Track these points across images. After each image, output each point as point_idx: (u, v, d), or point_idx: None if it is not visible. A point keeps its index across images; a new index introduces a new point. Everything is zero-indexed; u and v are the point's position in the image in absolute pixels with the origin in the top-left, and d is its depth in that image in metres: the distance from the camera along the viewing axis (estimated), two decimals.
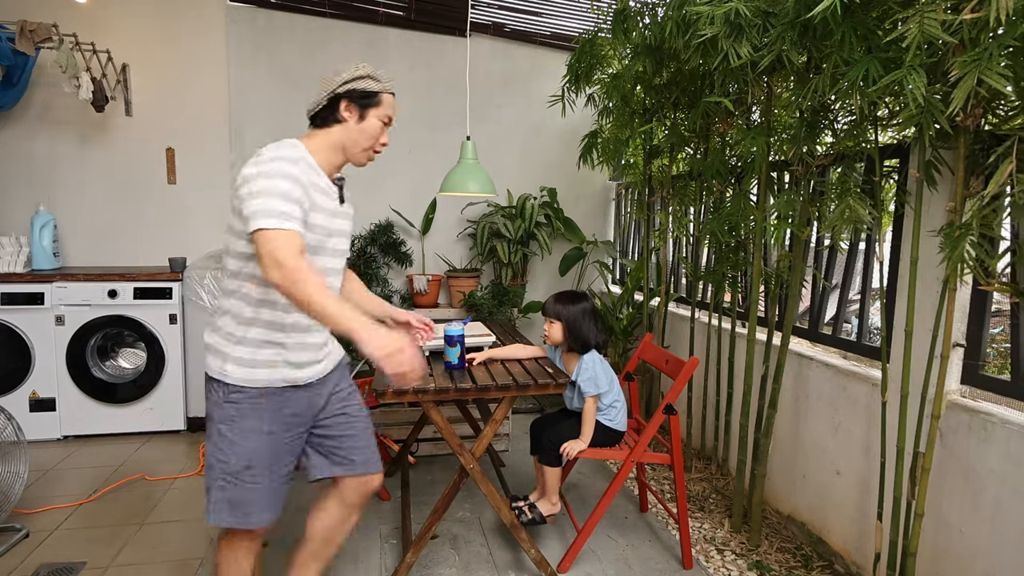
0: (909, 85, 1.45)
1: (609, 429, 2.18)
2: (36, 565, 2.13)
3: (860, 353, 2.26)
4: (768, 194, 2.34)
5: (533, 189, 4.17)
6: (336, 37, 3.81)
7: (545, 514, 2.18)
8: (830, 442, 2.27)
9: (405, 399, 1.91)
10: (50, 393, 3.19)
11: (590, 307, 2.21)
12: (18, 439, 2.24)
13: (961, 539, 1.75)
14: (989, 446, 1.67)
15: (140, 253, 3.66)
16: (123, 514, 2.49)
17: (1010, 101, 1.56)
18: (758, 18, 1.86)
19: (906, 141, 1.96)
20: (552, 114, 3.98)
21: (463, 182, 2.62)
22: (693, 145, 2.93)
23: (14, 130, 3.44)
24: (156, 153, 3.64)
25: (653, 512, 2.62)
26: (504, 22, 4.01)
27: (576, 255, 4.10)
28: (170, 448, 3.18)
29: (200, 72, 3.63)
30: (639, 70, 2.71)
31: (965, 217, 1.60)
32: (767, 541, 2.39)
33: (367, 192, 3.94)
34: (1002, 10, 1.27)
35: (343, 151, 1.57)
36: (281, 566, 2.00)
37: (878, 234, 2.06)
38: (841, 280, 2.41)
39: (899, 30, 1.46)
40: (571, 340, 2.19)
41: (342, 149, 1.57)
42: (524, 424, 3.54)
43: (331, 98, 1.53)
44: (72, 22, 3.26)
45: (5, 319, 3.10)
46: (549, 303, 2.25)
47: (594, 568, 2.20)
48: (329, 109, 1.54)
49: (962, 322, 1.79)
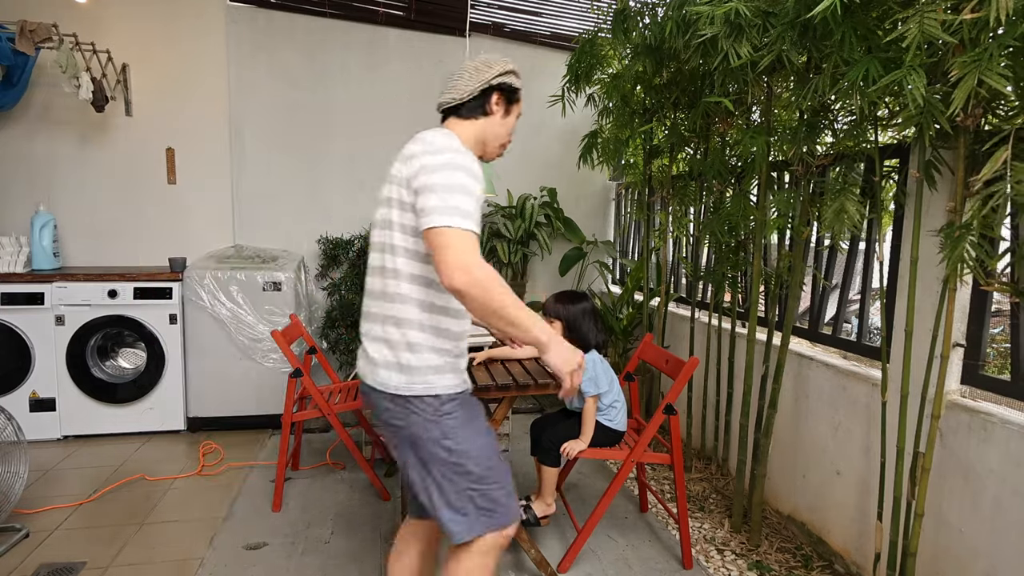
0: (909, 85, 1.45)
1: (609, 429, 2.19)
2: (36, 565, 2.13)
3: (860, 353, 2.26)
4: (768, 194, 2.34)
5: (533, 189, 4.17)
6: (336, 37, 3.81)
7: (539, 515, 2.18)
8: (830, 442, 2.27)
9: None
10: (50, 393, 3.19)
11: (590, 307, 2.22)
12: (18, 439, 2.24)
13: (961, 539, 1.75)
14: (989, 446, 1.67)
15: (140, 253, 3.66)
16: (123, 514, 2.49)
17: (1010, 101, 1.56)
18: (758, 18, 1.86)
19: (906, 141, 1.96)
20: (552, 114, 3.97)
21: None
22: (693, 145, 2.93)
23: (14, 130, 3.44)
24: (156, 153, 3.64)
25: (653, 512, 2.62)
26: (504, 22, 4.01)
27: (576, 255, 4.10)
28: (170, 448, 3.18)
29: (200, 72, 3.63)
30: (639, 70, 2.71)
31: (965, 217, 1.60)
32: (767, 541, 2.39)
33: (367, 192, 3.94)
34: (1002, 10, 1.27)
35: (483, 145, 1.48)
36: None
37: (878, 234, 2.06)
38: (841, 280, 2.41)
39: (899, 30, 1.46)
40: (571, 340, 2.19)
41: (483, 143, 1.47)
42: (524, 424, 3.54)
43: (484, 89, 1.43)
44: (72, 22, 3.26)
45: (5, 319, 3.10)
46: (549, 302, 2.25)
47: (594, 568, 2.20)
48: (479, 100, 1.43)
49: (962, 322, 1.79)
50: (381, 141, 3.95)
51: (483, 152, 1.49)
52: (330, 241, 3.84)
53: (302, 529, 2.41)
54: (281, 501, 2.57)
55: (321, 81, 3.82)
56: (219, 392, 3.37)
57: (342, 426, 2.56)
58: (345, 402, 2.68)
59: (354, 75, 3.87)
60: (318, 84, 3.82)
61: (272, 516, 2.50)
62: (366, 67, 3.89)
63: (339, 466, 3.00)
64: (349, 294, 3.76)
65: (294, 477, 2.86)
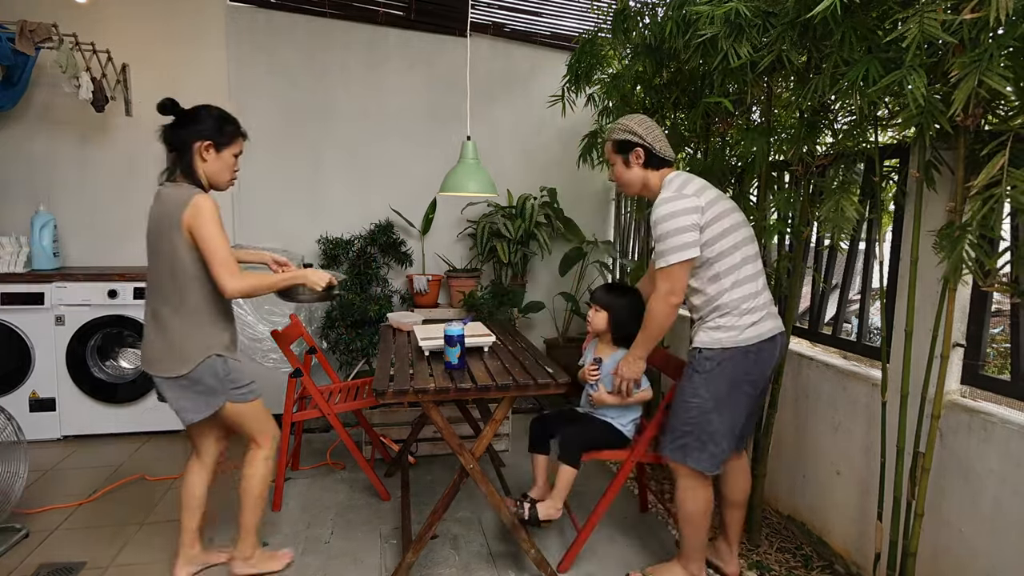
0: (909, 85, 1.45)
1: (620, 434, 2.18)
2: (36, 565, 2.13)
3: (860, 353, 2.26)
4: (768, 194, 2.34)
5: (533, 189, 4.17)
6: (336, 37, 3.81)
7: (543, 517, 2.12)
8: (830, 442, 2.27)
9: (405, 399, 1.91)
10: (50, 393, 3.19)
11: (639, 302, 2.19)
12: (18, 439, 2.24)
13: (961, 539, 1.75)
14: (989, 446, 1.67)
15: (140, 253, 3.61)
16: (123, 514, 2.50)
17: (1010, 101, 1.55)
18: (758, 18, 1.86)
19: (906, 141, 1.96)
20: (552, 114, 3.97)
21: (463, 182, 2.62)
22: (693, 145, 2.93)
23: (14, 130, 3.44)
24: (156, 153, 3.63)
25: (653, 512, 2.62)
26: (504, 22, 4.01)
27: (576, 255, 4.10)
28: (170, 448, 3.18)
29: (200, 72, 3.63)
30: (639, 70, 2.71)
31: (965, 217, 1.60)
32: (767, 541, 2.39)
33: (367, 192, 3.94)
34: (1002, 10, 1.27)
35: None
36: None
37: (878, 234, 2.06)
38: (841, 280, 2.41)
39: (899, 30, 1.46)
40: (615, 331, 2.20)
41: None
42: (524, 424, 3.54)
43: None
44: (72, 22, 3.25)
45: (5, 319, 3.10)
46: (599, 292, 2.26)
47: (594, 568, 2.20)
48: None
49: (962, 322, 1.79)
50: (381, 141, 3.96)
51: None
52: (330, 241, 3.83)
53: (302, 529, 2.41)
54: (281, 501, 2.57)
55: (321, 81, 3.82)
56: None
57: (342, 426, 2.57)
58: (345, 402, 2.68)
59: (354, 75, 3.87)
60: (318, 84, 3.82)
61: (272, 516, 2.50)
62: (366, 67, 3.89)
63: (339, 466, 3.00)
64: (349, 294, 3.76)
65: (294, 477, 2.86)
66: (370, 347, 3.55)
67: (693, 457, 1.92)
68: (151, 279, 1.86)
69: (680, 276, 1.84)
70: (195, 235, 1.75)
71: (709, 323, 1.91)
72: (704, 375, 1.89)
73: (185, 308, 1.81)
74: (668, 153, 1.97)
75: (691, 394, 1.91)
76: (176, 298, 1.81)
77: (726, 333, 1.87)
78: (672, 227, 1.81)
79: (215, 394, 1.85)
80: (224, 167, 1.90)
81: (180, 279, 1.80)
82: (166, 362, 1.81)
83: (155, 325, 1.84)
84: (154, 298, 1.85)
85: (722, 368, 1.87)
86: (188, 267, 1.79)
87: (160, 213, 1.80)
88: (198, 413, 1.86)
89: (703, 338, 1.91)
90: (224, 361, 1.86)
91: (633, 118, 1.98)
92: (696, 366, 1.91)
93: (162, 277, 1.82)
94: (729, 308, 1.87)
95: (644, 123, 1.96)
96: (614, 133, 1.99)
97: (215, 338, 1.85)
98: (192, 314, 1.82)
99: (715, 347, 1.88)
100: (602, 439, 2.17)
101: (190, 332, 1.82)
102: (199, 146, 1.83)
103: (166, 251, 1.79)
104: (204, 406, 1.85)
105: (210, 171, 1.88)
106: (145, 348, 1.87)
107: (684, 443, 1.93)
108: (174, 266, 1.79)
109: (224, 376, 1.85)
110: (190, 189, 1.79)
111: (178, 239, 1.76)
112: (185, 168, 1.83)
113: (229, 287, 1.76)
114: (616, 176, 2.04)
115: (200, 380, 1.82)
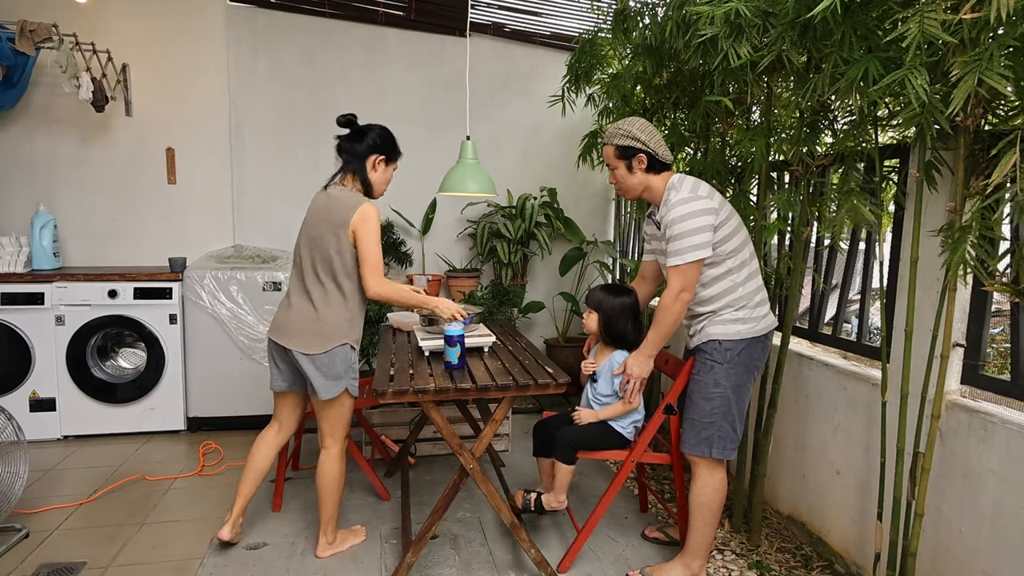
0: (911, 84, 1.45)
1: (621, 436, 2.18)
2: (36, 565, 2.13)
3: (860, 353, 2.26)
4: (768, 194, 2.34)
5: (533, 189, 4.17)
6: (336, 37, 3.81)
7: (547, 508, 2.15)
8: (830, 442, 2.27)
9: (405, 399, 1.92)
10: (50, 393, 3.20)
11: (632, 303, 2.18)
12: (18, 439, 2.24)
13: (961, 539, 1.75)
14: (989, 446, 1.67)
15: (140, 253, 3.66)
16: (123, 514, 2.50)
17: (1010, 101, 1.55)
18: (758, 18, 1.86)
19: (906, 141, 1.96)
20: (552, 114, 3.97)
21: (463, 182, 2.62)
22: (693, 145, 2.93)
23: (14, 130, 3.44)
24: (156, 153, 3.64)
25: (653, 512, 2.62)
26: (504, 22, 4.01)
27: (576, 255, 4.10)
28: (170, 448, 3.18)
29: (200, 72, 3.63)
30: (639, 70, 2.71)
31: (965, 218, 1.60)
32: (767, 541, 2.39)
33: None
34: (1002, 10, 1.27)
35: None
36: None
37: (878, 234, 2.06)
38: (841, 280, 2.41)
39: (899, 30, 1.46)
40: (604, 333, 2.19)
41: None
42: (524, 424, 3.54)
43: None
44: (72, 22, 3.26)
45: (5, 319, 3.10)
46: (592, 292, 2.24)
47: (594, 568, 2.20)
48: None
49: (962, 322, 1.79)
50: None
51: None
52: None
53: (302, 529, 2.41)
54: (281, 501, 2.57)
55: (321, 81, 3.82)
56: (219, 392, 3.38)
57: None
58: None
59: (354, 75, 3.87)
60: (318, 84, 3.82)
61: (272, 516, 2.50)
62: (366, 67, 3.89)
63: None
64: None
65: (294, 477, 2.86)
66: (370, 347, 3.55)
67: (718, 447, 2.00)
68: (305, 261, 2.07)
69: (693, 274, 1.92)
70: (357, 236, 1.98)
71: (725, 316, 1.99)
72: (726, 365, 1.97)
73: (336, 297, 2.04)
74: (668, 156, 2.00)
75: (713, 384, 1.98)
76: (331, 285, 2.03)
77: (744, 325, 1.98)
78: (689, 227, 1.87)
79: (339, 379, 2.05)
80: (386, 179, 2.18)
81: (337, 270, 2.02)
82: (305, 338, 2.02)
83: (303, 303, 2.05)
84: (308, 279, 2.06)
85: (741, 357, 1.98)
86: (347, 263, 2.02)
87: (328, 207, 2.03)
88: (328, 392, 2.04)
89: (721, 330, 1.99)
90: (354, 352, 2.09)
91: (633, 123, 1.98)
92: (717, 357, 1.98)
93: (318, 264, 2.04)
94: (745, 301, 1.99)
95: (645, 128, 1.97)
96: (615, 139, 1.99)
97: (353, 330, 2.08)
98: (340, 304, 2.04)
99: (735, 338, 1.97)
100: (599, 439, 2.16)
101: (335, 320, 2.03)
102: (374, 159, 2.11)
103: (329, 243, 2.01)
104: (333, 387, 2.05)
105: (377, 181, 2.14)
106: (284, 321, 2.08)
107: (708, 435, 1.99)
108: (333, 259, 2.01)
109: (351, 365, 2.07)
110: (359, 196, 2.05)
111: (343, 236, 1.99)
112: (361, 176, 2.09)
113: (372, 287, 2.01)
114: (617, 181, 2.06)
115: (331, 363, 2.02)
